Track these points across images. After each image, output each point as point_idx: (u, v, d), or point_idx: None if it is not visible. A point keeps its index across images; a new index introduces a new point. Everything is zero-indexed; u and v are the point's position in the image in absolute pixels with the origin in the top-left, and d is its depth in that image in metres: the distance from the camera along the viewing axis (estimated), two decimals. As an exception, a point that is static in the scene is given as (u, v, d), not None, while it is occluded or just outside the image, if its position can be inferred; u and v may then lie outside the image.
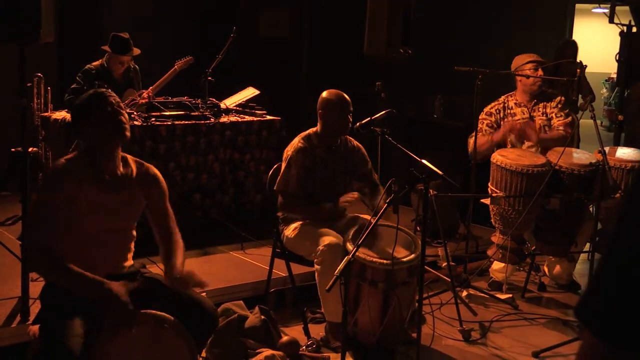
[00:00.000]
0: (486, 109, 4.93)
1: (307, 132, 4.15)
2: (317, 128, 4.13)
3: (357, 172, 4.21)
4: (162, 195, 3.04)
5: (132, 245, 3.04)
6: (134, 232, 3.04)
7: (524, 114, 4.85)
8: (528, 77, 4.78)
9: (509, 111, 4.87)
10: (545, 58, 5.10)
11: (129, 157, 3.00)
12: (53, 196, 2.72)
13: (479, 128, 4.84)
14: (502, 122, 4.87)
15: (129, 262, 3.02)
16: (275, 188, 4.07)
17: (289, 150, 4.09)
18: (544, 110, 4.85)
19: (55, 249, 2.65)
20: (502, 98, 4.95)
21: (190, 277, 2.86)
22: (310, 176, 4.04)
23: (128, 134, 2.93)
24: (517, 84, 4.90)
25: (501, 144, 4.81)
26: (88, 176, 2.83)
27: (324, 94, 4.10)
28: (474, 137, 4.75)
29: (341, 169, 4.14)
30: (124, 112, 2.93)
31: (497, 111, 4.89)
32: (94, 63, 5.70)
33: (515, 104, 4.88)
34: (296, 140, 4.12)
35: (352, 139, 4.24)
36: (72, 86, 5.53)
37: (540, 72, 4.80)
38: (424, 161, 3.54)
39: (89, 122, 2.85)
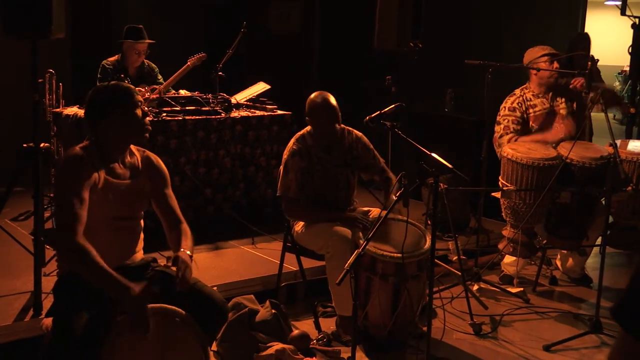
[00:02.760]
0: (507, 105, 4.82)
1: (302, 132, 4.13)
2: (310, 129, 4.11)
3: (361, 164, 4.19)
4: (164, 180, 3.06)
5: (142, 235, 3.06)
6: (142, 222, 3.06)
7: (544, 104, 4.81)
8: (539, 70, 4.75)
9: (529, 103, 4.81)
10: (557, 50, 5.06)
11: (131, 145, 3.02)
12: (77, 183, 2.74)
13: (504, 126, 4.74)
14: (525, 115, 4.79)
15: (140, 254, 3.04)
16: (277, 194, 4.08)
17: (285, 154, 4.08)
18: (566, 102, 4.79)
19: (86, 239, 2.67)
20: (517, 91, 4.88)
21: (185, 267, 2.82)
22: (309, 177, 4.04)
23: (148, 135, 2.97)
24: (531, 76, 4.85)
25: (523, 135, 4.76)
26: (99, 165, 2.85)
27: (311, 97, 4.07)
28: (506, 137, 4.68)
29: (341, 164, 4.12)
30: (147, 112, 2.97)
31: (519, 104, 4.80)
32: (110, 59, 5.74)
33: (533, 95, 4.83)
34: (290, 143, 4.10)
35: (352, 130, 4.21)
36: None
37: (555, 65, 4.76)
38: (433, 155, 3.54)
39: (111, 116, 2.85)
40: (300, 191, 4.01)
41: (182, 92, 5.68)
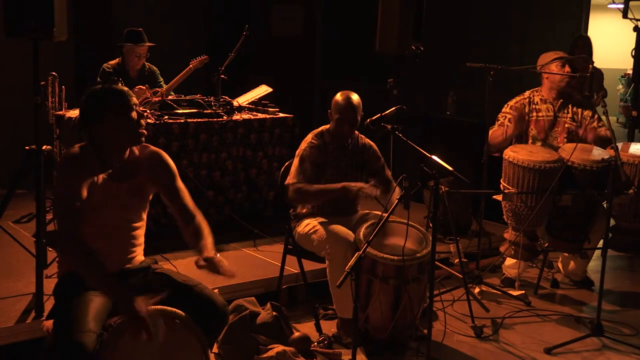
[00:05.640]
0: (511, 103, 4.89)
1: (320, 129, 4.18)
2: (330, 126, 4.15)
3: (369, 169, 4.22)
4: (171, 174, 3.02)
5: (142, 238, 3.04)
6: (144, 224, 3.04)
7: (548, 111, 4.83)
8: (539, 71, 4.77)
9: (534, 106, 4.84)
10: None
11: None
12: (75, 181, 2.73)
13: (499, 122, 4.83)
14: (527, 117, 4.82)
15: (140, 257, 3.03)
16: (287, 182, 4.07)
17: (302, 147, 4.12)
18: (573, 115, 4.81)
19: (86, 242, 2.66)
20: (527, 93, 4.91)
21: (221, 263, 2.85)
22: (322, 173, 4.06)
23: (143, 139, 2.94)
24: (544, 80, 4.87)
25: (520, 140, 4.77)
26: (97, 167, 2.84)
27: (337, 95, 4.12)
28: (492, 128, 4.77)
29: (352, 166, 4.16)
30: (143, 115, 2.93)
31: (522, 105, 4.84)
32: (111, 62, 5.75)
33: (541, 99, 4.85)
34: (309, 137, 4.15)
35: (363, 137, 4.25)
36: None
37: (567, 69, 4.76)
38: (434, 157, 3.54)
39: (106, 120, 2.83)
40: (311, 181, 4.02)
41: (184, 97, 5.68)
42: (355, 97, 4.09)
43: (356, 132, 4.20)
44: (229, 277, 2.86)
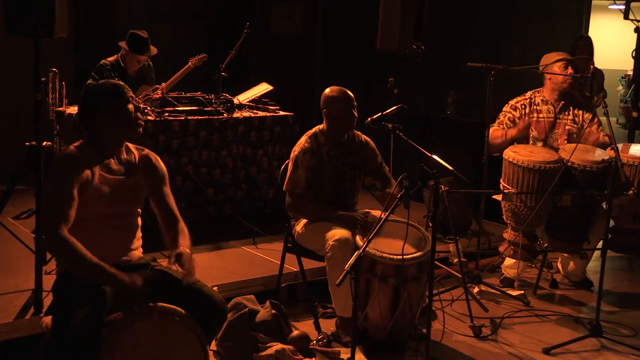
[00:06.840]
0: (511, 102, 4.88)
1: (314, 130, 4.16)
2: (324, 126, 4.14)
3: (367, 167, 4.22)
4: (162, 179, 3.08)
5: (139, 233, 3.08)
6: (139, 220, 3.08)
7: (549, 112, 4.82)
8: (541, 72, 4.77)
9: (535, 107, 4.83)
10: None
11: (128, 143, 3.06)
12: (67, 182, 2.76)
13: (499, 120, 4.83)
14: (526, 118, 4.82)
15: (139, 252, 3.05)
16: (284, 188, 4.09)
17: (295, 150, 4.10)
18: (574, 118, 4.81)
19: (73, 235, 2.69)
20: (528, 93, 4.90)
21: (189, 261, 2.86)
22: (318, 176, 4.05)
23: (141, 130, 3.00)
24: (546, 81, 4.85)
25: (520, 140, 4.77)
26: (95, 163, 2.89)
27: (327, 91, 4.11)
28: (492, 127, 4.77)
29: (349, 165, 4.15)
30: (140, 107, 3.00)
31: (523, 106, 4.83)
32: (109, 59, 5.74)
33: (542, 100, 4.84)
34: (302, 140, 4.13)
35: (360, 134, 4.24)
36: (88, 82, 5.57)
37: (570, 70, 4.75)
38: (434, 156, 3.54)
39: (104, 113, 2.90)
40: (307, 188, 4.02)
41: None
42: (344, 89, 4.08)
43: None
44: (187, 278, 2.83)
